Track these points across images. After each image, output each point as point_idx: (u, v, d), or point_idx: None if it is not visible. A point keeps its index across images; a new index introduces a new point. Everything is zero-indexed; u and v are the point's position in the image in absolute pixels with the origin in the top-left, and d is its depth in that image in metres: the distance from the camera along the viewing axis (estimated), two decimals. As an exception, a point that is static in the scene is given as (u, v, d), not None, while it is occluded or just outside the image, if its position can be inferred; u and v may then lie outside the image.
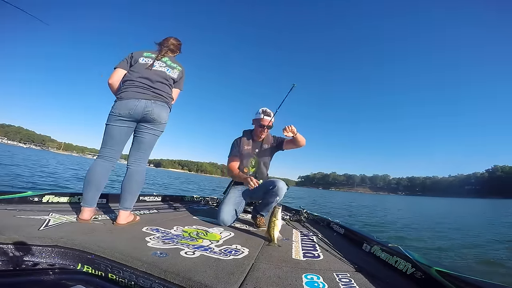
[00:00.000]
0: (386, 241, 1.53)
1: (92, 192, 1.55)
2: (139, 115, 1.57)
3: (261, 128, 2.25)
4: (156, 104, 1.60)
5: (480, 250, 4.25)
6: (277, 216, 1.59)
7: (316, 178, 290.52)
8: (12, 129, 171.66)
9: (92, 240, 1.16)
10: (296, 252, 1.44)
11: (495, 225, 8.56)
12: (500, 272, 3.12)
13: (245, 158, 2.29)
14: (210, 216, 2.24)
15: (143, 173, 1.69)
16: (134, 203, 1.67)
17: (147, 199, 2.69)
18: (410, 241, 4.73)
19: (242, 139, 2.33)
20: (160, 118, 1.64)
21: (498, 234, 6.25)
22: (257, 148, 2.34)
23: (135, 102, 1.55)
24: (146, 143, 1.66)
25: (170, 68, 1.72)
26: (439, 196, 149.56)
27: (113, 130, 1.58)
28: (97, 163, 1.59)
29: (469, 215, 13.49)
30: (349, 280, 1.05)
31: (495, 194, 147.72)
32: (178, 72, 1.77)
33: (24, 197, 1.74)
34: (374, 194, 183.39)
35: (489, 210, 19.14)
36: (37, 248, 1.04)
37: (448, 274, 0.97)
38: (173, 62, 1.77)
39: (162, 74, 1.67)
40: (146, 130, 1.64)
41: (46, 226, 1.26)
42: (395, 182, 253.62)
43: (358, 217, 8.63)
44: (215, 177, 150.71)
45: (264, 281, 0.96)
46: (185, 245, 1.29)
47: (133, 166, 1.65)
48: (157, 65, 1.68)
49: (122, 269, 0.97)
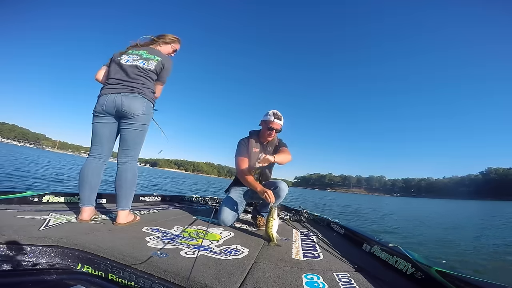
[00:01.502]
0: (386, 241, 1.53)
1: (87, 191, 1.55)
2: (111, 109, 1.57)
3: (270, 131, 2.11)
4: (126, 96, 1.57)
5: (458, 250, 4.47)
6: (274, 216, 1.60)
7: (313, 179, 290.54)
8: (6, 127, 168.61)
9: (92, 240, 1.16)
10: (296, 252, 1.44)
11: (481, 226, 8.87)
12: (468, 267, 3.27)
13: (252, 161, 2.16)
14: (210, 216, 2.24)
15: (133, 171, 1.65)
16: (131, 202, 1.66)
17: (147, 199, 2.69)
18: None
19: (250, 140, 2.19)
20: (132, 109, 1.57)
21: (483, 235, 6.51)
22: (263, 150, 2.22)
23: (105, 97, 1.58)
24: (129, 140, 1.64)
25: (144, 60, 1.66)
26: (434, 197, 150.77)
27: (95, 127, 1.62)
28: (87, 162, 1.60)
29: (460, 216, 13.75)
30: (349, 280, 1.05)
31: (489, 196, 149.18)
32: (156, 63, 1.68)
33: (24, 197, 1.74)
34: (369, 195, 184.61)
35: (479, 212, 19.49)
36: (37, 248, 1.04)
37: (448, 274, 0.97)
38: (152, 53, 1.71)
39: (134, 67, 1.64)
40: (126, 126, 1.62)
41: (46, 226, 1.26)
42: (391, 183, 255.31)
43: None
44: (211, 177, 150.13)
45: (264, 281, 0.96)
46: (185, 245, 1.29)
47: (120, 165, 1.64)
48: (131, 59, 1.65)
49: (122, 269, 0.97)
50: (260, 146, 2.21)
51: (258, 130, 2.26)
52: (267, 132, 2.12)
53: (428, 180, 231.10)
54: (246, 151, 2.14)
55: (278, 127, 2.10)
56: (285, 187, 2.02)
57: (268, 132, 2.12)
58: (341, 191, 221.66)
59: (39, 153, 40.65)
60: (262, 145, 2.22)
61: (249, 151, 2.15)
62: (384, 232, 5.65)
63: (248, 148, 2.15)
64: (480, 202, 70.95)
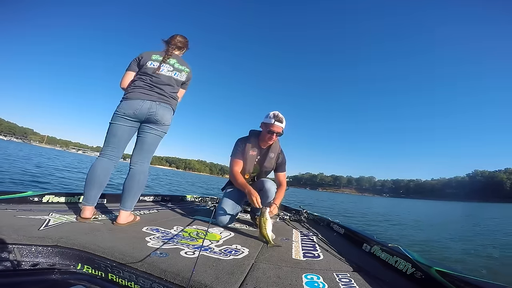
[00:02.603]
0: (386, 241, 1.53)
1: (95, 191, 1.55)
2: (143, 115, 1.61)
3: (270, 135, 2.00)
4: (160, 106, 1.64)
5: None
6: (265, 216, 1.59)
7: (304, 179, 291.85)
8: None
9: (92, 240, 1.16)
10: (296, 252, 1.44)
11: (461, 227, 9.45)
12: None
13: (248, 164, 2.09)
14: (210, 216, 2.24)
15: (146, 174, 1.70)
16: (135, 203, 1.67)
17: (147, 199, 2.69)
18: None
19: (248, 143, 2.09)
20: (164, 119, 1.67)
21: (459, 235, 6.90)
22: (261, 155, 2.13)
23: (140, 102, 1.59)
24: (149, 143, 1.68)
25: (177, 72, 1.75)
26: (422, 198, 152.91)
27: (117, 128, 1.61)
28: (99, 161, 1.60)
29: (443, 217, 14.41)
30: (349, 280, 1.05)
31: (475, 198, 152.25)
32: (186, 75, 1.81)
33: (24, 197, 1.74)
34: (359, 195, 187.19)
35: (461, 213, 20.04)
36: (37, 248, 1.04)
37: (448, 274, 0.97)
38: (181, 64, 1.79)
39: (170, 78, 1.71)
40: (149, 131, 1.66)
41: (46, 226, 1.26)
42: (380, 184, 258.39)
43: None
44: (203, 175, 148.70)
45: (264, 281, 0.96)
46: (185, 245, 1.29)
47: (135, 167, 1.66)
48: (165, 68, 1.70)
49: (122, 269, 0.97)
50: (258, 149, 2.11)
51: (258, 131, 2.15)
52: (267, 135, 2.01)
53: (416, 181, 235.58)
54: (242, 153, 2.07)
55: (279, 130, 1.99)
56: (271, 186, 2.00)
57: (268, 136, 2.01)
58: (332, 191, 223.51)
59: (24, 147, 39.48)
60: (260, 149, 2.12)
61: (246, 153, 2.07)
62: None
63: (245, 150, 2.08)
64: (466, 203, 72.59)
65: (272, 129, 1.98)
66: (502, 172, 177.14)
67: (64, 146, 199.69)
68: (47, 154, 27.28)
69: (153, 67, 1.67)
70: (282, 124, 2.01)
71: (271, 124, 1.98)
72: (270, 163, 2.11)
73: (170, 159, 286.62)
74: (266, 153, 2.11)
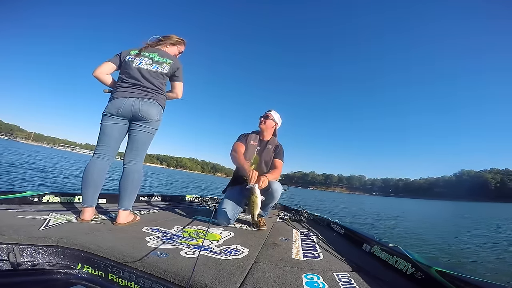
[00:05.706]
0: (386, 241, 1.53)
1: (91, 191, 1.55)
2: (127, 112, 1.60)
3: (261, 119, 2.36)
4: (144, 102, 1.62)
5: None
6: (255, 193, 1.65)
7: (296, 177, 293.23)
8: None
9: (92, 240, 1.16)
10: (296, 252, 1.44)
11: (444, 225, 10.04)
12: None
13: (249, 152, 2.30)
14: (210, 216, 2.24)
15: (140, 172, 1.69)
16: (133, 202, 1.67)
17: (147, 199, 2.69)
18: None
19: (250, 134, 2.39)
20: (150, 115, 1.64)
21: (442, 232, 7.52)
22: (261, 146, 2.36)
23: (122, 100, 1.59)
24: (139, 141, 1.67)
25: (157, 64, 1.69)
26: (410, 197, 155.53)
27: (105, 127, 1.62)
28: (93, 161, 1.59)
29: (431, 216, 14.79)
30: (349, 280, 1.05)
31: (463, 197, 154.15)
32: (169, 66, 1.73)
33: (24, 197, 1.74)
34: (350, 193, 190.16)
35: (447, 212, 20.47)
36: (37, 248, 1.04)
37: (448, 274, 0.97)
38: (162, 56, 1.73)
39: (149, 71, 1.67)
40: (138, 128, 1.65)
41: (46, 226, 1.26)
42: (370, 183, 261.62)
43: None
44: (195, 173, 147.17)
45: (264, 281, 0.96)
46: (185, 245, 1.29)
47: (128, 166, 1.65)
48: (143, 62, 1.67)
49: (122, 269, 0.97)
50: (259, 142, 2.38)
51: (259, 131, 2.42)
52: (260, 120, 2.36)
53: (405, 180, 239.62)
54: (244, 140, 2.34)
55: (268, 115, 2.34)
56: (278, 187, 2.05)
57: (261, 119, 2.36)
58: (323, 190, 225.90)
59: (11, 144, 38.57)
60: (262, 142, 2.38)
61: (248, 142, 2.33)
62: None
63: (247, 139, 2.34)
64: (456, 203, 73.21)
65: (263, 115, 2.36)
66: (487, 172, 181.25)
67: (52, 143, 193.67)
68: (32, 152, 25.39)
69: (131, 60, 1.66)
70: (272, 113, 2.36)
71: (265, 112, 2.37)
72: (268, 154, 2.32)
73: (161, 157, 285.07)
74: (265, 145, 2.36)
